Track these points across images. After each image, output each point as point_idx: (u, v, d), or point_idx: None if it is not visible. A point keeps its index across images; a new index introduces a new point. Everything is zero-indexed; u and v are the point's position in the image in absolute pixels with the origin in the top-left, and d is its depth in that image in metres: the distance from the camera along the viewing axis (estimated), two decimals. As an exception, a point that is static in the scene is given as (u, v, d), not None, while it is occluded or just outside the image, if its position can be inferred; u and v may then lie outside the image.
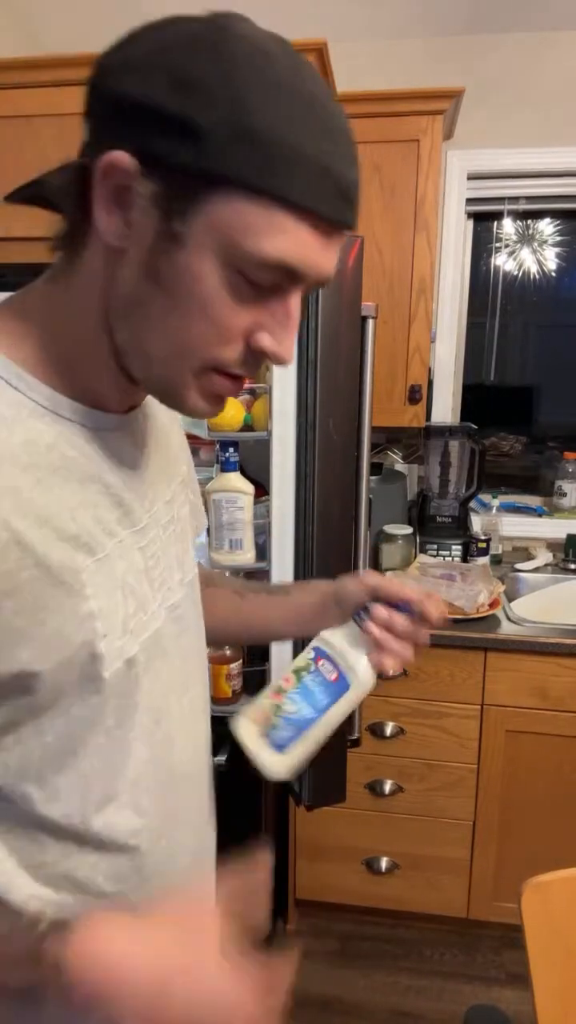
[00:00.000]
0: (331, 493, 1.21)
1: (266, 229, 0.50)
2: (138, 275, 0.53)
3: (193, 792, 0.77)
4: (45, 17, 2.15)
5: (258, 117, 0.48)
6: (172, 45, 0.50)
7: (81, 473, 0.58)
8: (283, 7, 2.06)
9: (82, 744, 0.61)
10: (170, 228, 0.50)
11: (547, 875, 0.99)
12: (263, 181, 0.49)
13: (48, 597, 0.55)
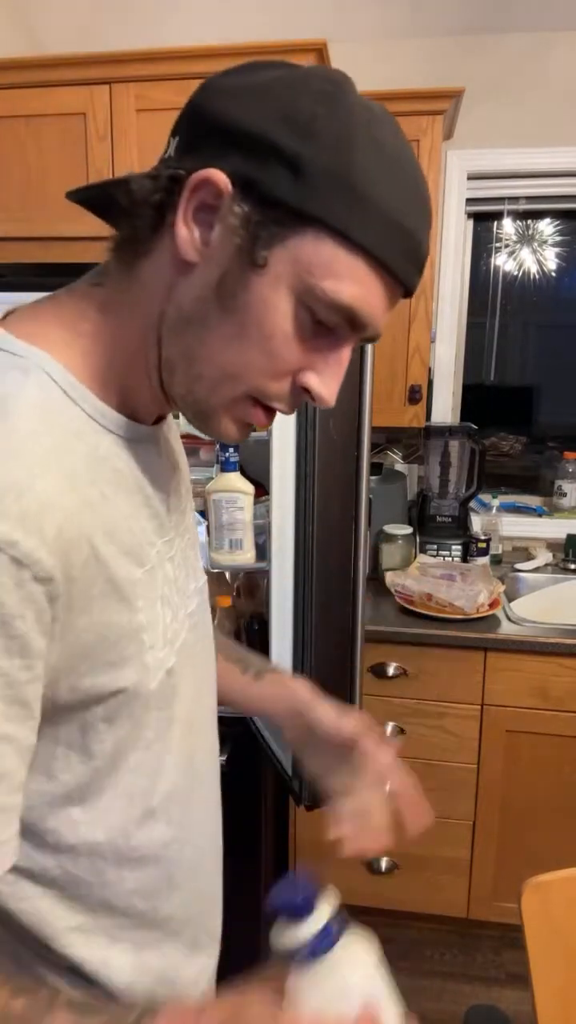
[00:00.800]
0: (331, 493, 1.21)
1: (345, 274, 0.52)
2: (205, 293, 0.53)
3: (210, 797, 0.78)
4: (45, 17, 2.15)
5: (360, 169, 0.50)
6: (288, 83, 0.52)
7: (128, 485, 0.59)
8: (283, 7, 2.06)
9: (124, 760, 0.61)
10: (253, 254, 0.51)
11: (547, 875, 0.99)
12: (353, 230, 0.51)
13: (112, 612, 0.55)
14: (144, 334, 0.56)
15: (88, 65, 1.67)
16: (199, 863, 0.73)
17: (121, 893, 0.64)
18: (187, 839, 0.70)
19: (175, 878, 0.69)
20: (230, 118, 0.52)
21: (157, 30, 2.13)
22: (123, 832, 0.62)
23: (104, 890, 0.63)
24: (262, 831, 1.79)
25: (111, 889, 0.63)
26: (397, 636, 1.84)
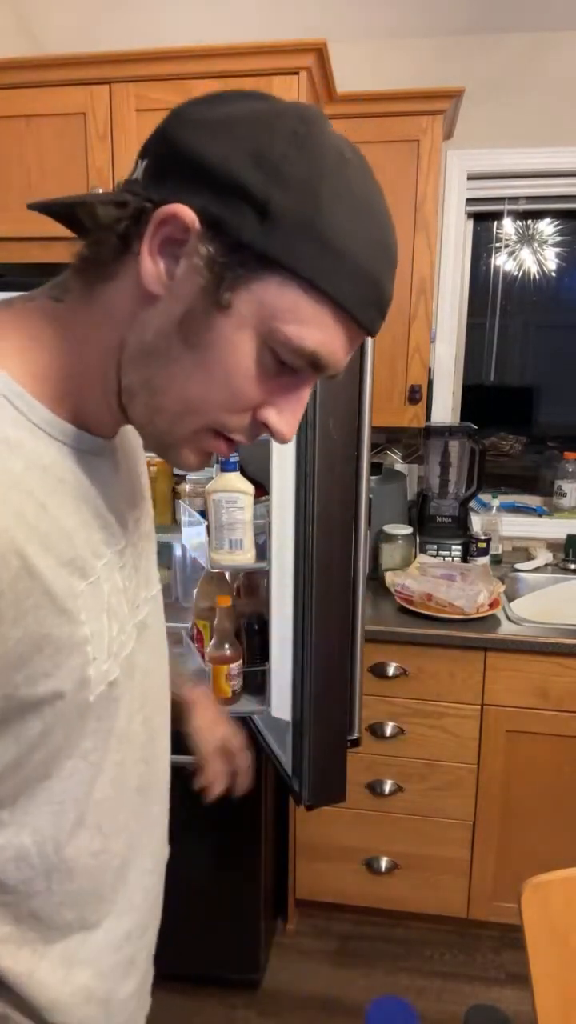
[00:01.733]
0: (331, 493, 1.21)
1: (310, 321, 0.52)
2: (168, 327, 0.53)
3: (153, 811, 0.76)
4: (45, 17, 2.15)
5: (328, 216, 0.50)
6: (261, 120, 0.52)
7: (74, 495, 0.58)
8: (283, 7, 2.06)
9: (58, 768, 0.60)
10: (217, 294, 0.51)
11: (547, 875, 0.99)
12: (320, 279, 0.51)
13: (51, 625, 0.55)
14: (103, 358, 0.56)
15: (88, 65, 1.67)
16: (133, 878, 0.72)
17: (49, 904, 0.63)
18: (118, 852, 0.69)
19: (103, 891, 0.68)
20: (200, 152, 0.51)
21: (157, 30, 2.13)
22: (53, 839, 0.61)
23: (31, 900, 0.62)
24: (262, 831, 1.79)
25: (39, 899, 0.62)
26: (397, 636, 1.84)
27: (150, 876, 0.77)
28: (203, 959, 1.87)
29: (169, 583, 1.94)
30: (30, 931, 0.63)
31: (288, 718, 1.32)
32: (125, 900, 0.72)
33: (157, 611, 0.77)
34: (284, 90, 1.62)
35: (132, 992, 0.75)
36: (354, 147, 0.54)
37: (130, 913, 0.73)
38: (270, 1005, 1.86)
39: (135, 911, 0.74)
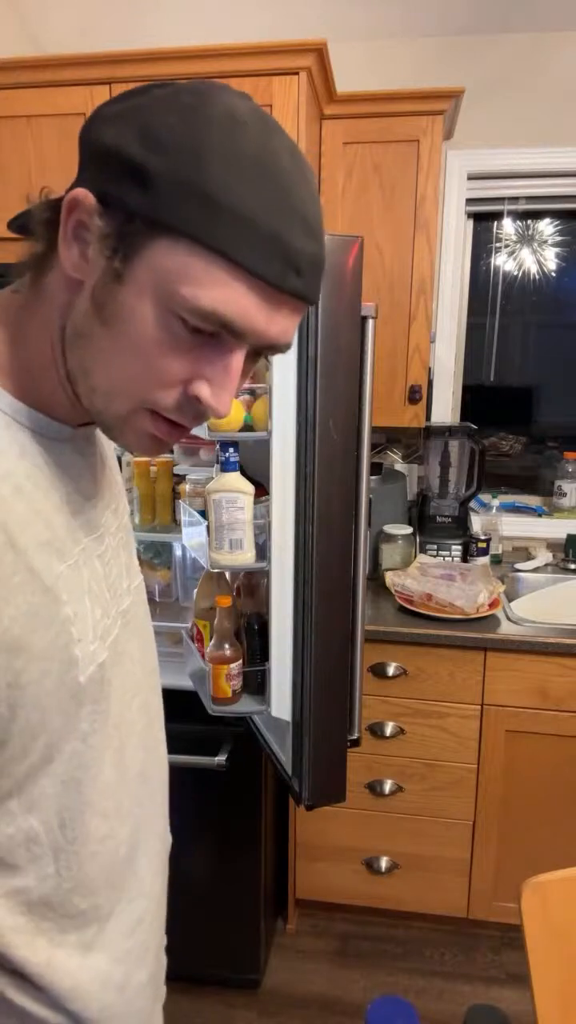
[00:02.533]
0: (331, 493, 1.21)
1: (203, 279, 0.51)
2: (89, 308, 0.55)
3: (147, 796, 0.77)
4: (45, 17, 2.15)
5: (212, 176, 0.50)
6: (155, 102, 0.53)
7: (47, 481, 0.60)
8: (283, 7, 2.06)
9: (59, 752, 0.61)
10: (112, 266, 0.53)
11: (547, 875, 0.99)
12: (205, 234, 0.51)
13: (38, 604, 0.56)
14: (52, 346, 0.58)
15: (88, 65, 1.66)
16: (141, 865, 0.74)
17: (60, 891, 0.64)
18: (124, 839, 0.70)
19: (112, 878, 0.69)
20: (100, 139, 0.54)
21: (157, 30, 2.13)
22: (60, 821, 0.63)
23: (43, 885, 0.63)
24: (262, 831, 1.79)
25: (49, 884, 0.63)
26: (397, 636, 1.84)
27: (157, 861, 0.79)
28: (203, 959, 1.87)
29: (169, 583, 1.94)
30: (44, 920, 0.64)
31: (288, 718, 1.32)
32: (135, 886, 0.73)
33: (140, 601, 0.77)
34: (284, 90, 1.62)
35: (147, 979, 0.77)
36: (256, 110, 0.54)
37: (139, 900, 0.74)
38: (270, 1005, 1.86)
39: (144, 898, 0.75)
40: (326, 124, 1.89)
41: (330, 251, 1.14)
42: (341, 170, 1.91)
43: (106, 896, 0.68)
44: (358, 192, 1.92)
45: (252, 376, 1.38)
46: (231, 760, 1.69)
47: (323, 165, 1.92)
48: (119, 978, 0.71)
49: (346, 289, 1.16)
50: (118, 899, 0.70)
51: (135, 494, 1.85)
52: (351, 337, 1.18)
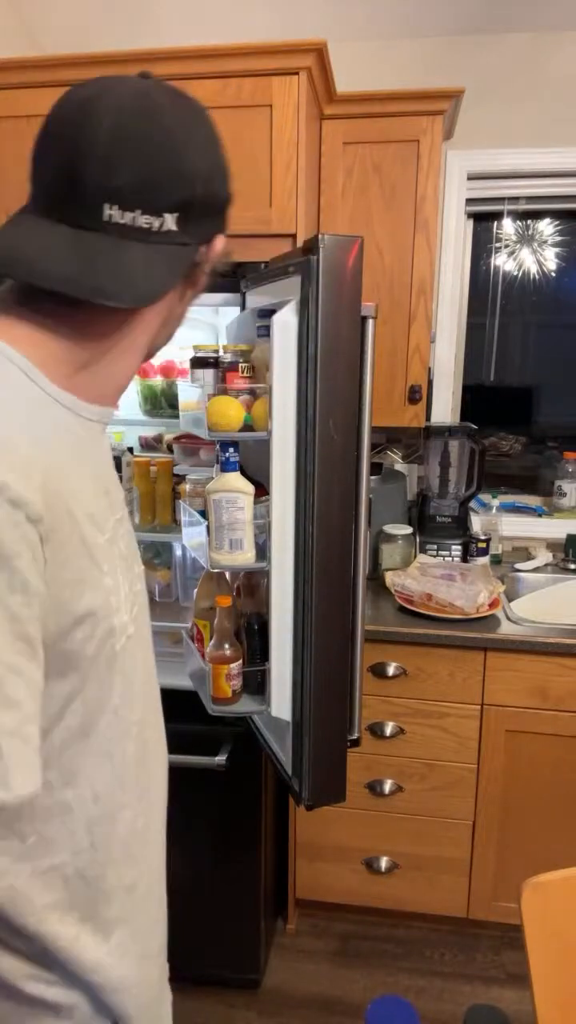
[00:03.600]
0: (331, 493, 1.21)
1: None
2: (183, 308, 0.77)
3: (159, 769, 0.82)
4: (45, 17, 2.15)
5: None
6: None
7: (86, 458, 0.64)
8: (283, 7, 2.06)
9: (93, 724, 0.64)
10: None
11: (547, 875, 0.99)
12: None
13: (85, 569, 0.60)
14: (135, 354, 0.71)
15: (88, 65, 1.66)
16: (153, 839, 0.79)
17: (94, 863, 0.67)
18: (142, 811, 0.74)
19: (134, 850, 0.73)
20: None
21: (157, 30, 2.13)
22: (93, 794, 0.66)
23: (78, 859, 0.65)
24: (262, 831, 1.79)
25: (84, 858, 0.66)
26: (397, 636, 1.84)
27: (161, 836, 0.84)
28: (203, 959, 1.87)
29: (169, 583, 1.94)
30: (78, 894, 0.67)
31: (288, 718, 1.32)
32: (148, 861, 0.77)
33: (144, 589, 0.81)
34: (284, 90, 1.62)
35: (158, 950, 0.83)
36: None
37: (150, 874, 0.79)
38: (270, 1005, 1.86)
39: (154, 872, 0.80)
40: (326, 124, 1.89)
41: (330, 251, 1.14)
42: (341, 170, 1.91)
43: (128, 868, 0.72)
44: (358, 192, 1.92)
45: (252, 376, 1.38)
46: (231, 760, 1.69)
47: (323, 165, 1.92)
48: (137, 949, 0.74)
49: (346, 289, 1.16)
50: (139, 872, 0.74)
51: (135, 494, 1.85)
52: (351, 337, 1.19)
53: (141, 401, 1.89)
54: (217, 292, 1.67)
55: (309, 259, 1.14)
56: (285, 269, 1.27)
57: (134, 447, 2.02)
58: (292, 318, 1.18)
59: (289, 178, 1.66)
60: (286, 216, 1.67)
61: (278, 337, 1.19)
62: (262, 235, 1.69)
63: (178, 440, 1.84)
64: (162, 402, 1.84)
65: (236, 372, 1.36)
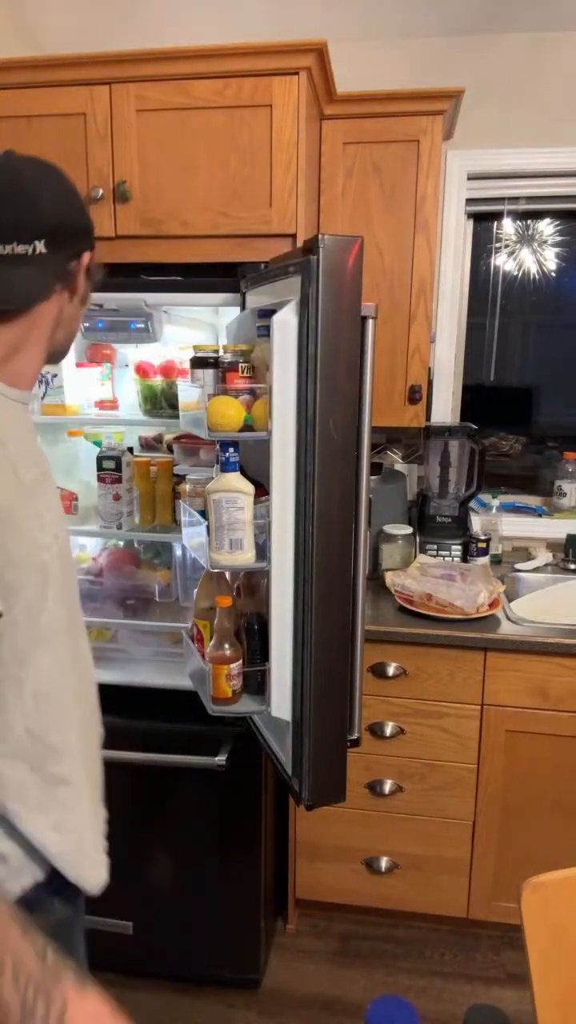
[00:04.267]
0: (331, 493, 1.21)
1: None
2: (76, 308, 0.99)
3: (91, 688, 1.01)
4: (45, 17, 2.15)
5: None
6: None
7: (13, 425, 0.87)
8: (283, 7, 2.06)
9: (36, 619, 0.85)
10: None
11: (547, 875, 0.99)
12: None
13: (17, 489, 0.83)
14: (41, 346, 0.96)
15: (88, 65, 1.66)
16: (91, 745, 0.98)
17: (38, 723, 0.86)
18: (82, 694, 0.96)
19: (74, 712, 0.92)
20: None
21: (157, 30, 2.13)
22: (37, 673, 0.86)
23: (26, 719, 0.85)
24: (262, 831, 1.79)
25: (30, 719, 0.86)
26: (397, 636, 1.84)
27: (98, 750, 1.02)
28: (203, 959, 1.87)
29: (169, 583, 1.94)
30: (25, 745, 0.86)
31: (288, 718, 1.32)
32: (84, 757, 0.95)
33: (71, 550, 0.98)
34: (284, 90, 1.62)
35: (102, 829, 1.02)
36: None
37: (87, 771, 0.96)
38: (270, 1005, 1.86)
39: (93, 774, 0.99)
40: (326, 124, 1.89)
41: (330, 251, 1.14)
42: (341, 170, 1.91)
43: (69, 734, 0.91)
44: (358, 192, 1.92)
45: (252, 376, 1.38)
46: (231, 760, 1.69)
47: (323, 165, 1.92)
48: (76, 812, 0.92)
49: (346, 289, 1.16)
50: (75, 765, 0.92)
51: (135, 494, 1.85)
52: (351, 337, 1.19)
53: (141, 401, 1.89)
54: (217, 292, 1.67)
55: (309, 259, 1.14)
56: (285, 269, 1.27)
57: (134, 447, 2.02)
58: (292, 318, 1.18)
59: (289, 178, 1.66)
60: (286, 216, 1.67)
61: (278, 337, 1.19)
62: (262, 235, 1.69)
63: (178, 440, 1.84)
64: (162, 402, 1.84)
65: (236, 372, 1.36)
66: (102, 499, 1.83)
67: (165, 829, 1.80)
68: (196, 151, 1.68)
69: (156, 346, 1.87)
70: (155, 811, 1.79)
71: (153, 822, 1.80)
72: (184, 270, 1.73)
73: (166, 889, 1.82)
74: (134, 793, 1.77)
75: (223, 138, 1.67)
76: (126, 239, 1.74)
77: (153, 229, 1.73)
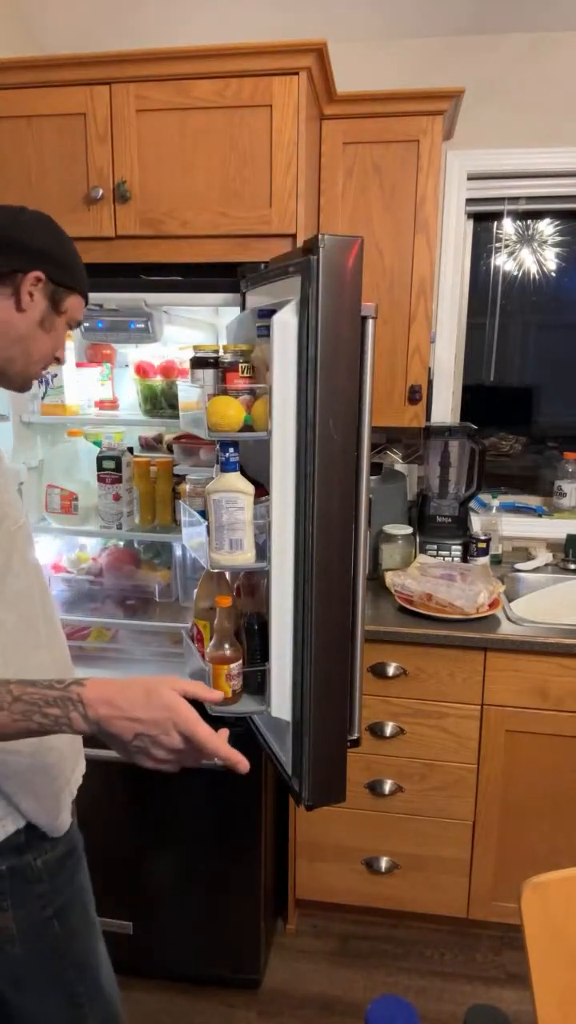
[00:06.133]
0: (331, 493, 1.21)
1: (77, 307, 1.13)
2: (34, 324, 1.07)
3: (56, 624, 1.09)
4: (45, 17, 2.15)
5: (73, 256, 1.13)
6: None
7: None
8: (283, 7, 2.06)
9: (3, 579, 0.96)
10: (50, 305, 1.07)
11: (547, 875, 0.99)
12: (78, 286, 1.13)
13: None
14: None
15: (88, 65, 1.66)
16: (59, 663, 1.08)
17: (15, 652, 0.97)
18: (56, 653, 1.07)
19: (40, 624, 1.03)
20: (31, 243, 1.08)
21: (157, 30, 2.13)
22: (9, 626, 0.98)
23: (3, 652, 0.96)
24: (262, 831, 1.79)
25: (8, 650, 0.97)
26: (397, 636, 1.84)
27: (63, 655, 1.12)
28: (203, 959, 1.87)
29: (169, 583, 1.94)
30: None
31: (288, 718, 1.32)
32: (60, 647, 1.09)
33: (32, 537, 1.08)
34: (284, 90, 1.62)
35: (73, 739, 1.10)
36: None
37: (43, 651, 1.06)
38: (270, 1005, 1.86)
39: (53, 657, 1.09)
40: (326, 124, 1.89)
41: (330, 251, 1.14)
42: (341, 170, 1.91)
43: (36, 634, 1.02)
44: (358, 192, 1.92)
45: (252, 376, 1.38)
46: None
47: (323, 165, 1.92)
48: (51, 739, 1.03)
49: (346, 289, 1.16)
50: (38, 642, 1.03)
51: (135, 494, 1.85)
52: (351, 337, 1.19)
53: (141, 401, 1.89)
54: (217, 292, 1.67)
55: (309, 259, 1.14)
56: (285, 269, 1.27)
57: (134, 447, 2.02)
58: (292, 318, 1.18)
59: (289, 178, 1.66)
60: (286, 216, 1.68)
61: (278, 337, 1.19)
62: (262, 235, 1.69)
63: (178, 440, 1.84)
64: (162, 402, 1.84)
65: (236, 372, 1.36)
66: (102, 499, 1.83)
67: (165, 829, 1.80)
68: (196, 151, 1.68)
69: (156, 346, 1.87)
70: (155, 811, 1.79)
71: (153, 822, 1.80)
72: (184, 270, 1.73)
73: (166, 889, 1.82)
74: (134, 793, 1.77)
75: (223, 138, 1.67)
76: (126, 239, 1.74)
77: (153, 229, 1.73)
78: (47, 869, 1.04)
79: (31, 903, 1.02)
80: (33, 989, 1.06)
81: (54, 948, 1.06)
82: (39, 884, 1.03)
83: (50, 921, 1.04)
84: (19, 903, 1.01)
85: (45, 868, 1.03)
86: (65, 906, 1.07)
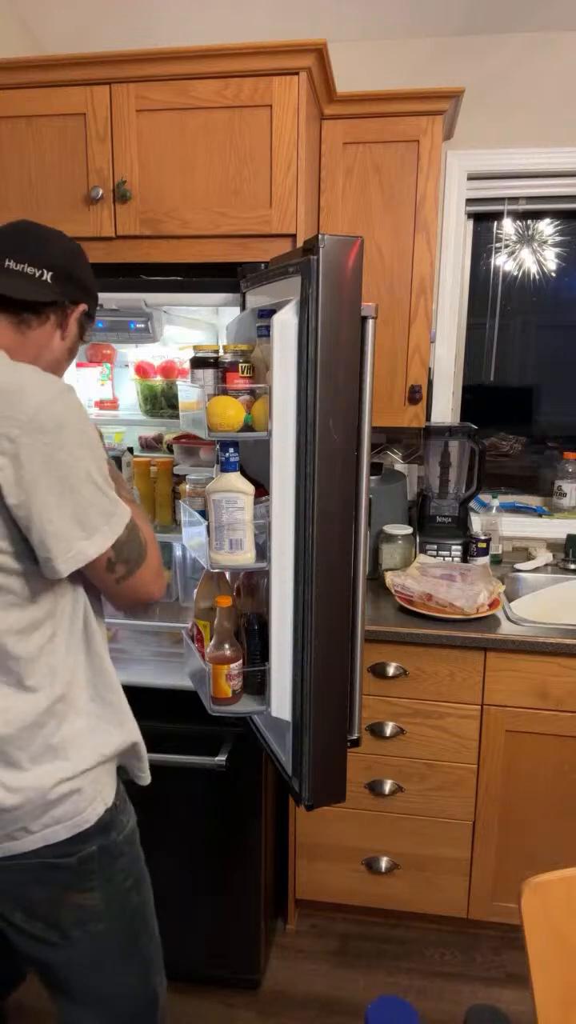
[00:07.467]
0: (331, 493, 1.21)
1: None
2: (65, 348, 1.16)
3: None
4: (45, 17, 2.15)
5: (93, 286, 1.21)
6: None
7: None
8: (283, 7, 2.06)
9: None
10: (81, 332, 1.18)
11: (547, 875, 0.99)
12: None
13: None
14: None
15: (88, 65, 1.66)
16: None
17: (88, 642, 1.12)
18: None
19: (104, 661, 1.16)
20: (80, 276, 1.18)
21: (157, 30, 2.13)
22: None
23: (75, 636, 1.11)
24: (262, 831, 1.79)
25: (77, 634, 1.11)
26: (397, 636, 1.84)
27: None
28: (203, 959, 1.87)
29: (169, 583, 1.94)
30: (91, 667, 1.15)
31: (288, 718, 1.32)
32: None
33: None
34: (284, 90, 1.62)
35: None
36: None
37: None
38: (270, 1005, 1.86)
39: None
40: (326, 124, 1.89)
41: (330, 251, 1.14)
42: (341, 170, 1.91)
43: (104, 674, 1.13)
44: (358, 192, 1.92)
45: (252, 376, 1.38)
46: (231, 760, 1.69)
47: (323, 165, 1.92)
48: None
49: (346, 289, 1.16)
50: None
51: (135, 494, 1.85)
52: (351, 337, 1.18)
53: (141, 401, 1.89)
54: (217, 292, 1.67)
55: (309, 259, 1.14)
56: (285, 269, 1.27)
57: (134, 447, 2.02)
58: (292, 318, 1.18)
59: (289, 178, 1.66)
60: (286, 216, 1.68)
61: (278, 337, 1.19)
62: (262, 235, 1.69)
63: (178, 440, 1.84)
64: (162, 402, 1.84)
65: (236, 372, 1.36)
66: (102, 499, 1.83)
67: (165, 829, 1.80)
68: (196, 151, 1.68)
69: (156, 346, 1.87)
70: (155, 811, 1.79)
71: (153, 822, 1.80)
72: (184, 270, 1.73)
73: (166, 889, 1.82)
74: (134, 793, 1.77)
75: (223, 138, 1.67)
76: (126, 239, 1.75)
77: (153, 229, 1.73)
78: (126, 842, 1.13)
79: (116, 877, 1.11)
80: (113, 965, 1.13)
81: (133, 917, 1.15)
82: (122, 858, 1.12)
83: (130, 892, 1.14)
84: (107, 879, 1.09)
85: (125, 841, 1.13)
86: (140, 876, 1.17)
